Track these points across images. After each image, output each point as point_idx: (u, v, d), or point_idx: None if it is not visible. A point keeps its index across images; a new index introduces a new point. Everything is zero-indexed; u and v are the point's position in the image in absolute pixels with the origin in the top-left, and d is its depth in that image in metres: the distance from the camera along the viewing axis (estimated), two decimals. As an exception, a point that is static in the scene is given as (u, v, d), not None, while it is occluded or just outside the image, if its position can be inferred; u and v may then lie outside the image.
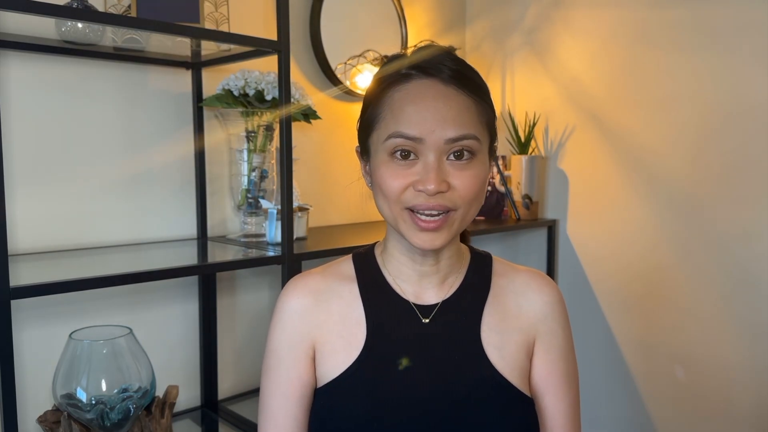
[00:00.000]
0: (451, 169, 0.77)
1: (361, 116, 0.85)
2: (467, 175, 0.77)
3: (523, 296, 0.88)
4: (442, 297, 0.86)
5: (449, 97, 0.78)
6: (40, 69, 1.35)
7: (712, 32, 1.75)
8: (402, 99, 0.79)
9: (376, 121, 0.81)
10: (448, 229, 0.78)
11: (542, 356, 0.87)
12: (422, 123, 0.76)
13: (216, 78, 1.60)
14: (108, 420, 1.05)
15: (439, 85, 0.79)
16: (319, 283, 0.88)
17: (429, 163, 0.76)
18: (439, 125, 0.76)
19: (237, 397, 1.69)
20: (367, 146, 0.84)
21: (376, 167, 0.80)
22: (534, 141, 2.18)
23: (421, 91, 0.79)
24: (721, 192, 1.76)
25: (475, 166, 0.78)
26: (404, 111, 0.78)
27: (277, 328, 0.87)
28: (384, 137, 0.79)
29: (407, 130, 0.77)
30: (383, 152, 0.79)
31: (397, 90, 0.80)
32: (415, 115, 0.77)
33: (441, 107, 0.77)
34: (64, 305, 1.38)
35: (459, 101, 0.78)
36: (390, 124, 0.78)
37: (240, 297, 1.72)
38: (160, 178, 1.55)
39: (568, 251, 2.13)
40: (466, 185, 0.77)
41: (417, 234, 0.78)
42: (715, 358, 1.80)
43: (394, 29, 2.07)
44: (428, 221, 0.77)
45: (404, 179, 0.77)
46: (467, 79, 0.80)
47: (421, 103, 0.77)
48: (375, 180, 0.81)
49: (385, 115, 0.80)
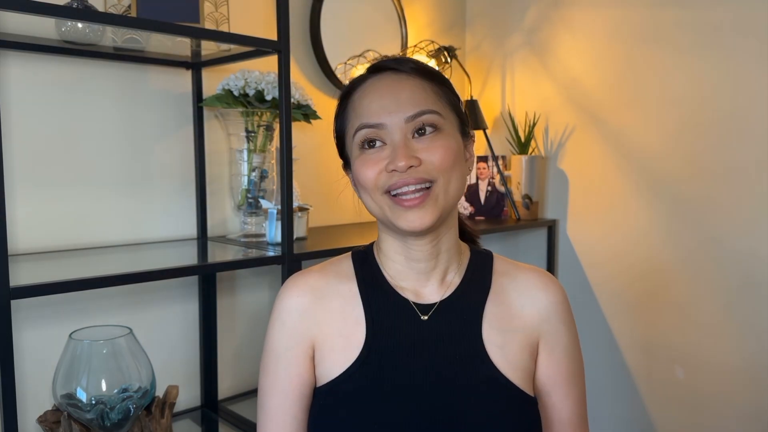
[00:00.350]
0: (418, 145, 0.79)
1: (334, 132, 0.89)
2: (435, 146, 0.79)
3: (526, 295, 0.88)
4: (442, 295, 0.86)
5: (403, 81, 0.82)
6: (40, 69, 1.35)
7: (712, 32, 1.75)
8: (361, 97, 0.83)
9: (345, 127, 0.85)
10: (434, 204, 0.79)
11: (547, 356, 0.87)
12: (380, 109, 0.80)
13: (216, 78, 1.60)
14: (108, 420, 1.05)
15: (392, 75, 0.83)
16: (318, 282, 0.87)
17: (395, 142, 0.79)
18: (396, 107, 0.79)
19: (237, 397, 1.69)
20: (346, 156, 0.87)
21: (353, 165, 0.83)
22: (534, 141, 2.18)
23: (376, 85, 0.83)
24: (721, 191, 1.76)
25: (441, 138, 0.80)
26: (363, 104, 0.82)
27: (276, 327, 0.87)
28: (352, 135, 0.82)
29: (368, 120, 0.80)
30: (355, 149, 0.82)
31: (356, 92, 0.84)
32: (373, 104, 0.81)
33: (397, 92, 0.81)
34: (64, 305, 1.38)
35: (414, 83, 0.82)
36: (354, 121, 0.82)
37: (240, 297, 1.72)
38: (160, 178, 1.55)
39: (568, 251, 2.13)
40: (437, 155, 0.79)
41: (404, 215, 0.79)
42: (715, 359, 1.80)
43: (394, 29, 2.07)
44: (411, 199, 0.78)
45: (376, 165, 0.80)
46: (423, 68, 0.84)
47: (377, 93, 0.82)
48: (355, 180, 0.83)
49: (350, 116, 0.84)
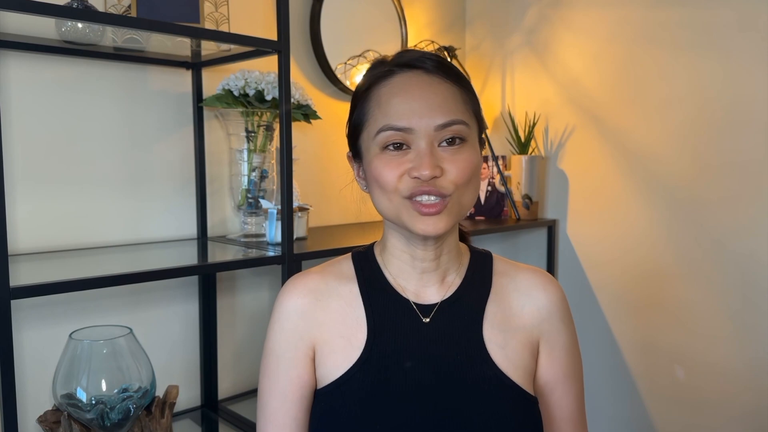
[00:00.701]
0: (444, 154, 0.78)
1: (349, 120, 0.87)
2: (459, 159, 0.78)
3: (525, 295, 0.88)
4: (443, 296, 0.86)
5: (434, 85, 0.80)
6: (40, 69, 1.35)
7: (712, 32, 1.75)
8: (388, 92, 0.80)
9: (364, 120, 0.82)
10: (448, 214, 0.78)
11: (548, 355, 0.87)
12: (410, 113, 0.77)
13: (216, 78, 1.60)
14: (108, 420, 1.05)
15: (423, 76, 0.80)
16: (318, 283, 0.87)
17: (421, 150, 0.77)
18: (427, 113, 0.77)
19: (237, 397, 1.69)
20: (357, 148, 0.85)
21: (369, 163, 0.81)
22: (534, 141, 2.18)
23: (406, 83, 0.80)
24: (721, 191, 1.76)
25: (466, 151, 0.79)
26: (391, 103, 0.79)
27: (276, 328, 0.87)
28: (374, 133, 0.80)
29: (396, 122, 0.78)
30: (375, 147, 0.80)
31: (382, 86, 0.81)
32: (402, 106, 0.78)
33: (428, 95, 0.78)
34: (64, 305, 1.38)
35: (444, 89, 0.80)
36: (379, 119, 0.79)
37: (240, 297, 1.72)
38: (161, 178, 1.55)
39: (567, 251, 2.13)
40: (459, 169, 0.78)
41: (420, 220, 0.78)
42: (715, 359, 1.80)
43: (394, 29, 2.07)
44: (429, 205, 0.77)
45: (398, 168, 0.78)
46: (450, 69, 0.82)
47: (407, 94, 0.79)
48: (370, 176, 0.81)
49: (373, 111, 0.81)
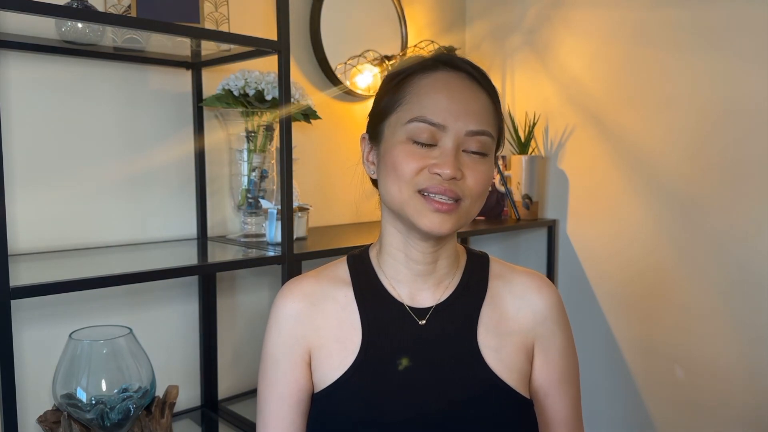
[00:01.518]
0: (467, 160, 0.79)
1: (378, 101, 0.85)
2: (478, 169, 0.79)
3: (521, 298, 0.88)
4: (438, 299, 0.86)
5: (474, 91, 0.81)
6: (40, 69, 1.35)
7: (712, 32, 1.75)
8: (429, 85, 0.80)
9: (396, 105, 0.82)
10: (457, 216, 0.79)
11: (543, 358, 0.87)
12: (448, 111, 0.78)
13: (216, 78, 1.60)
14: (108, 420, 1.05)
15: (465, 79, 0.81)
16: (313, 287, 0.87)
17: (447, 149, 0.77)
18: (463, 116, 0.78)
19: (237, 397, 1.69)
20: (379, 130, 0.84)
21: (391, 148, 0.80)
22: (534, 141, 2.18)
23: (448, 81, 0.80)
24: (720, 191, 1.76)
25: (485, 164, 0.81)
26: (431, 97, 0.79)
27: (272, 333, 0.87)
28: (406, 120, 0.79)
29: (432, 116, 0.78)
30: (402, 134, 0.79)
31: (423, 77, 0.81)
32: (441, 102, 0.78)
33: (467, 99, 0.79)
34: (64, 305, 1.38)
35: (482, 98, 0.81)
36: (414, 108, 0.79)
37: (240, 297, 1.72)
38: (161, 178, 1.55)
39: (568, 251, 2.13)
40: (477, 179, 0.79)
41: (428, 215, 0.78)
42: (714, 358, 1.80)
43: (394, 29, 2.07)
44: (442, 202, 0.77)
45: (421, 161, 0.78)
46: (489, 81, 0.83)
47: (447, 92, 0.79)
48: (387, 161, 0.80)
49: (410, 99, 0.80)
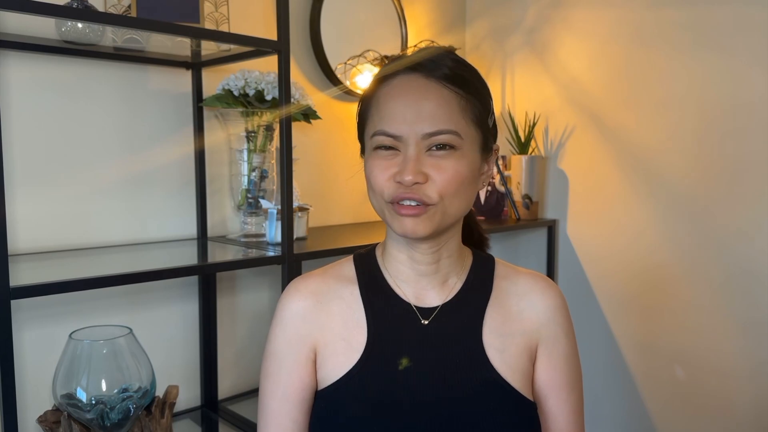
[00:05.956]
0: (430, 160, 0.78)
1: (357, 115, 0.88)
2: (444, 166, 0.78)
3: (525, 299, 0.88)
4: (443, 299, 0.86)
5: (429, 91, 0.79)
6: (40, 69, 1.35)
7: (711, 32, 1.75)
8: (386, 95, 0.81)
9: (366, 117, 0.84)
10: (429, 220, 0.79)
11: (545, 360, 0.87)
12: (401, 121, 0.78)
13: (216, 78, 1.60)
14: (108, 420, 1.05)
15: (420, 80, 0.80)
16: (319, 285, 0.87)
17: (408, 156, 0.78)
18: (416, 121, 0.78)
19: (237, 397, 1.69)
20: (362, 143, 0.87)
21: (366, 161, 0.84)
22: (534, 141, 2.18)
23: (402, 87, 0.80)
24: (720, 191, 1.76)
25: (453, 159, 0.78)
26: (387, 106, 0.80)
27: (277, 330, 0.87)
28: (371, 134, 0.82)
29: (389, 128, 0.79)
30: (370, 147, 0.82)
31: (383, 86, 0.82)
32: (394, 112, 0.79)
33: (420, 102, 0.79)
34: (64, 305, 1.38)
35: (438, 95, 0.79)
36: (375, 121, 0.81)
37: (240, 297, 1.72)
38: (160, 178, 1.55)
39: (568, 251, 2.13)
40: (443, 178, 0.78)
41: (400, 220, 0.79)
42: (714, 358, 1.80)
43: (394, 29, 2.07)
44: (408, 207, 0.78)
45: (386, 171, 0.79)
46: (456, 76, 0.80)
47: (400, 99, 0.80)
48: (366, 174, 0.84)
49: (374, 111, 0.82)
